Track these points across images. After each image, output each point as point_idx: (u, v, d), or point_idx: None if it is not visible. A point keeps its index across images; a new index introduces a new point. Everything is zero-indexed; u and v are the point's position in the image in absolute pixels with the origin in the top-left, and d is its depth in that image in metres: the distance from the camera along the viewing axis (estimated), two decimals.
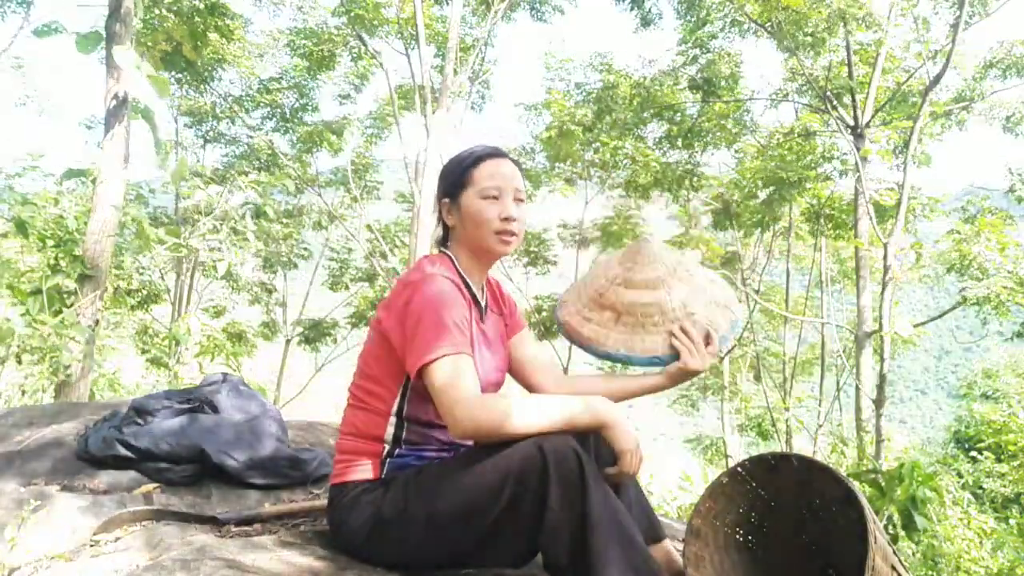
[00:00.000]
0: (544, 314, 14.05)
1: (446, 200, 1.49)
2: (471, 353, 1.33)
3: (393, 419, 1.40)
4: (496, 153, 1.49)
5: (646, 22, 11.38)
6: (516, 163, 1.52)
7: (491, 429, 1.25)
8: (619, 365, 1.60)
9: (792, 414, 10.73)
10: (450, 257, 1.49)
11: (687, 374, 1.47)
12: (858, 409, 8.88)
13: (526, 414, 1.27)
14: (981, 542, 5.39)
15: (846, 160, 10.38)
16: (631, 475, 1.33)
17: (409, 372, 1.33)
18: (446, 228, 1.53)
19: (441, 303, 1.31)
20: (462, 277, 1.46)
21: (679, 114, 11.78)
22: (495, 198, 1.43)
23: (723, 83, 10.97)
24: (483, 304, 1.54)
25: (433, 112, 9.56)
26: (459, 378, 1.27)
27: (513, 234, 1.44)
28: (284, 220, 13.98)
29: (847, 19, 8.27)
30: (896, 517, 3.75)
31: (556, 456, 1.23)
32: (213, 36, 10.61)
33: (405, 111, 11.76)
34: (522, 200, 1.48)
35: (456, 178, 1.47)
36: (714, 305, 1.50)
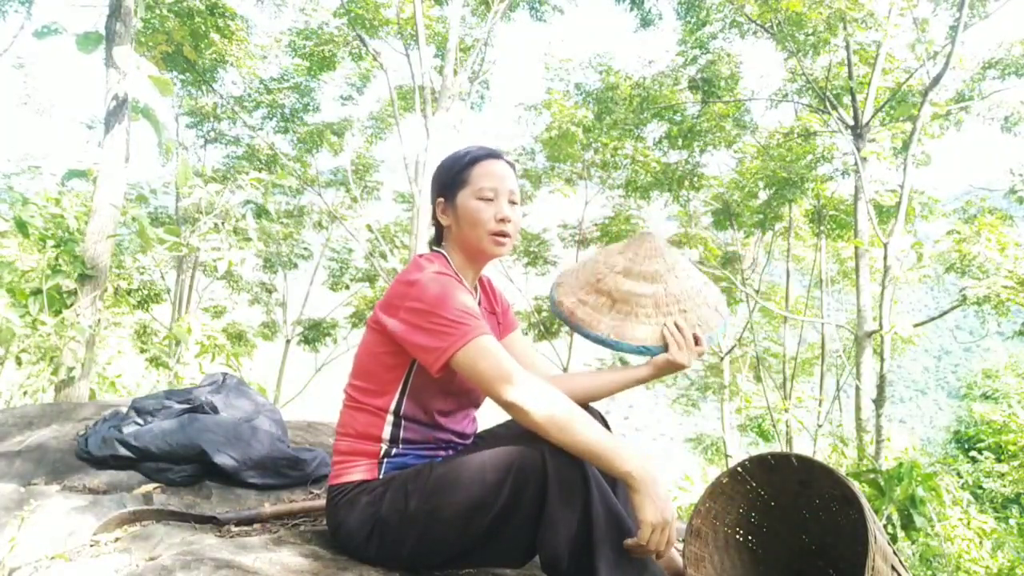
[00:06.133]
0: (544, 314, 14.04)
1: (441, 199, 1.50)
2: (491, 332, 1.33)
3: (391, 418, 1.40)
4: (492, 154, 1.49)
5: (646, 22, 11.37)
6: (511, 165, 1.52)
7: (544, 420, 1.23)
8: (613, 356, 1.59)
9: (792, 414, 10.72)
10: (444, 256, 1.49)
11: (672, 367, 1.45)
12: (858, 409, 8.88)
13: (576, 428, 1.23)
14: (981, 542, 5.40)
15: (846, 160, 10.38)
16: (651, 552, 1.20)
17: (432, 367, 1.31)
18: (440, 227, 1.53)
19: (450, 294, 1.33)
20: (456, 276, 1.46)
21: (679, 114, 11.77)
22: (490, 199, 1.44)
23: (723, 83, 10.96)
24: (475, 302, 1.55)
25: (433, 112, 9.55)
26: (497, 355, 1.27)
27: (507, 235, 1.45)
28: (284, 220, 13.99)
29: (847, 20, 8.26)
30: (896, 517, 3.76)
31: (556, 456, 1.23)
32: (215, 37, 10.62)
33: (405, 111, 11.77)
34: (516, 202, 1.48)
35: (452, 178, 1.48)
36: (707, 306, 1.52)
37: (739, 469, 1.51)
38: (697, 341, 1.45)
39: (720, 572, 1.48)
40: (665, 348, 1.45)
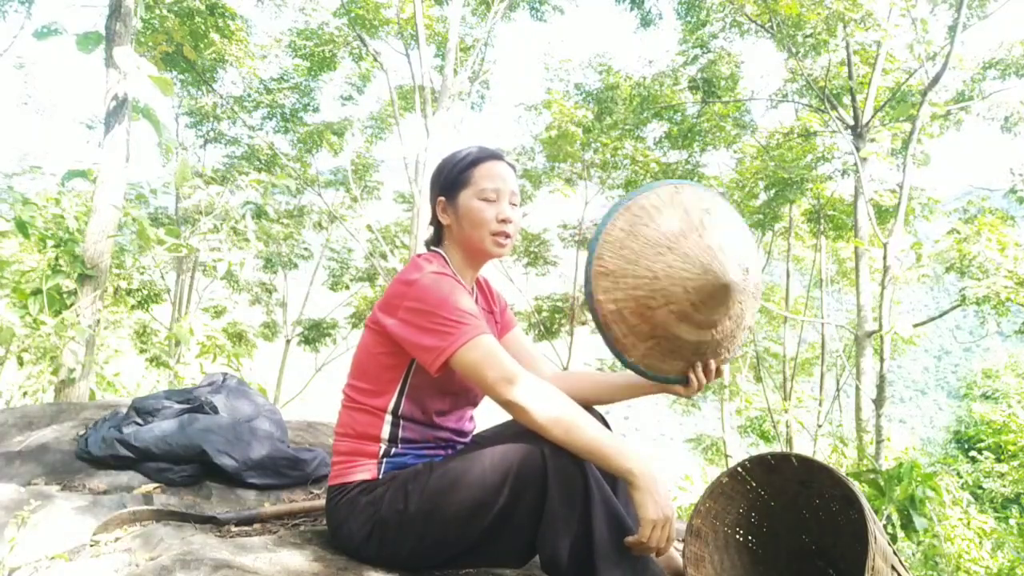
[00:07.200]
0: (544, 314, 14.04)
1: (442, 199, 1.50)
2: (490, 332, 1.33)
3: (389, 418, 1.40)
4: (495, 155, 1.50)
5: (646, 22, 11.38)
6: (512, 167, 1.53)
7: (545, 420, 1.23)
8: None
9: (792, 415, 10.72)
10: (443, 256, 1.50)
11: (678, 392, 1.46)
12: (858, 409, 8.88)
13: (577, 427, 1.23)
14: (981, 542, 5.40)
15: (846, 160, 10.39)
16: (652, 549, 1.20)
17: (431, 367, 1.31)
18: (439, 227, 1.54)
19: (450, 294, 1.33)
20: (455, 276, 1.46)
21: (679, 114, 11.78)
22: (493, 200, 1.44)
23: (723, 83, 10.97)
24: (474, 302, 1.55)
25: (433, 112, 9.55)
26: (497, 355, 1.27)
27: (508, 236, 1.46)
28: (284, 220, 13.99)
29: (845, 20, 8.27)
30: (896, 517, 3.76)
31: (556, 455, 1.23)
32: (215, 37, 10.63)
33: (405, 111, 11.77)
34: (517, 204, 1.49)
35: (454, 177, 1.48)
36: (745, 329, 1.41)
37: (739, 469, 1.51)
38: (719, 373, 1.41)
39: (720, 572, 1.48)
40: (685, 380, 1.41)
